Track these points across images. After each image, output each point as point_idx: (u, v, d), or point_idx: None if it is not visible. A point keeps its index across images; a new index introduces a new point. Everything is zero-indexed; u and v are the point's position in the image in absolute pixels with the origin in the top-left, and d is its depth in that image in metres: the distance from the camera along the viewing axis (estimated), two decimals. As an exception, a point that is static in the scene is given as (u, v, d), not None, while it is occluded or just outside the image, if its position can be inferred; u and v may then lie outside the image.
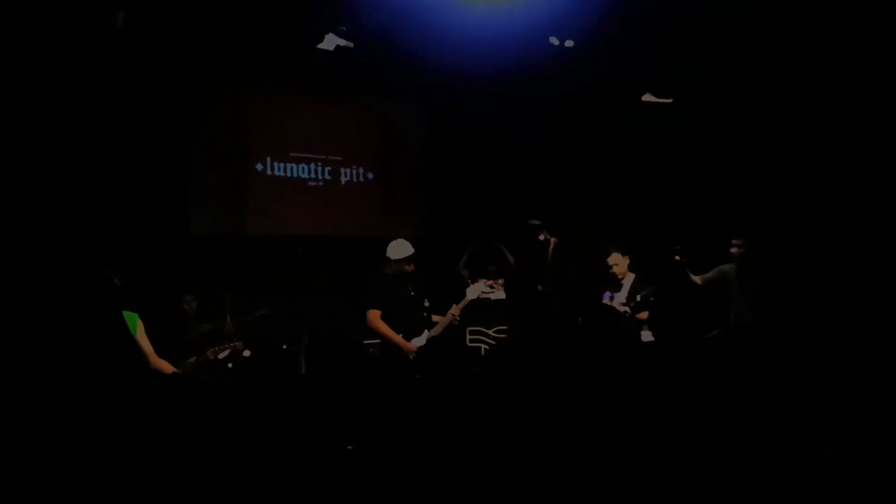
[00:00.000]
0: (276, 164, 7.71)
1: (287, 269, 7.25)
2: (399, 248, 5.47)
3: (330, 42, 6.78)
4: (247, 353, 5.63)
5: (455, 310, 5.53)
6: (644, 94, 7.59)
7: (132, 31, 6.19)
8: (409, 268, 5.43)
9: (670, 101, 7.62)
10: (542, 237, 7.06)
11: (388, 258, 5.45)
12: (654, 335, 5.87)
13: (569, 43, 6.91)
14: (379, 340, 5.37)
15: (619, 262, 6.19)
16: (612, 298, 6.11)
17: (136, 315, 4.44)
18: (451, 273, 7.48)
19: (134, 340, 4.06)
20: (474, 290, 5.72)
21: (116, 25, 5.79)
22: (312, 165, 7.89)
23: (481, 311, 6.97)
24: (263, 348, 5.25)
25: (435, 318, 5.58)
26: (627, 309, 5.85)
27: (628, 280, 6.18)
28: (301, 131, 7.83)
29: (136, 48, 6.47)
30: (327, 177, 7.97)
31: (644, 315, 5.91)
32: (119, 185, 6.50)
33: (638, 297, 5.90)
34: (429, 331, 5.42)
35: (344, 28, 6.67)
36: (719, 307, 6.39)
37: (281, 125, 7.73)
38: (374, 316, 5.29)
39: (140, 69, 6.62)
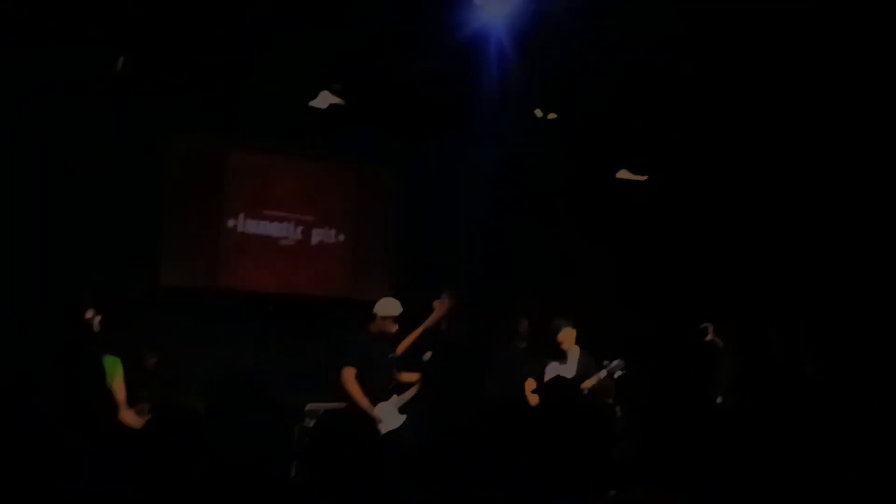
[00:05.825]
0: (248, 221, 7.72)
1: (254, 326, 7.17)
2: (386, 306, 5.48)
3: (323, 100, 6.74)
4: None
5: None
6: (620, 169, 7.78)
7: (108, 85, 6.24)
8: (394, 327, 5.43)
9: (645, 178, 7.81)
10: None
11: (375, 314, 5.46)
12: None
13: (552, 116, 7.03)
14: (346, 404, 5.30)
15: (566, 336, 6.24)
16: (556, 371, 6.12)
17: (118, 360, 4.31)
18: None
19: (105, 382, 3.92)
20: None
21: (115, 70, 5.81)
22: (285, 224, 7.91)
23: None
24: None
25: (406, 377, 5.54)
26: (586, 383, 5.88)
27: (574, 352, 6.22)
28: (276, 189, 7.87)
29: (112, 102, 6.51)
30: (299, 236, 7.99)
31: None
32: (90, 234, 6.45)
33: (606, 369, 5.91)
34: (398, 395, 5.39)
35: (339, 86, 6.63)
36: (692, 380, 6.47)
37: (256, 183, 7.77)
38: (349, 374, 5.23)
39: (116, 123, 6.65)
